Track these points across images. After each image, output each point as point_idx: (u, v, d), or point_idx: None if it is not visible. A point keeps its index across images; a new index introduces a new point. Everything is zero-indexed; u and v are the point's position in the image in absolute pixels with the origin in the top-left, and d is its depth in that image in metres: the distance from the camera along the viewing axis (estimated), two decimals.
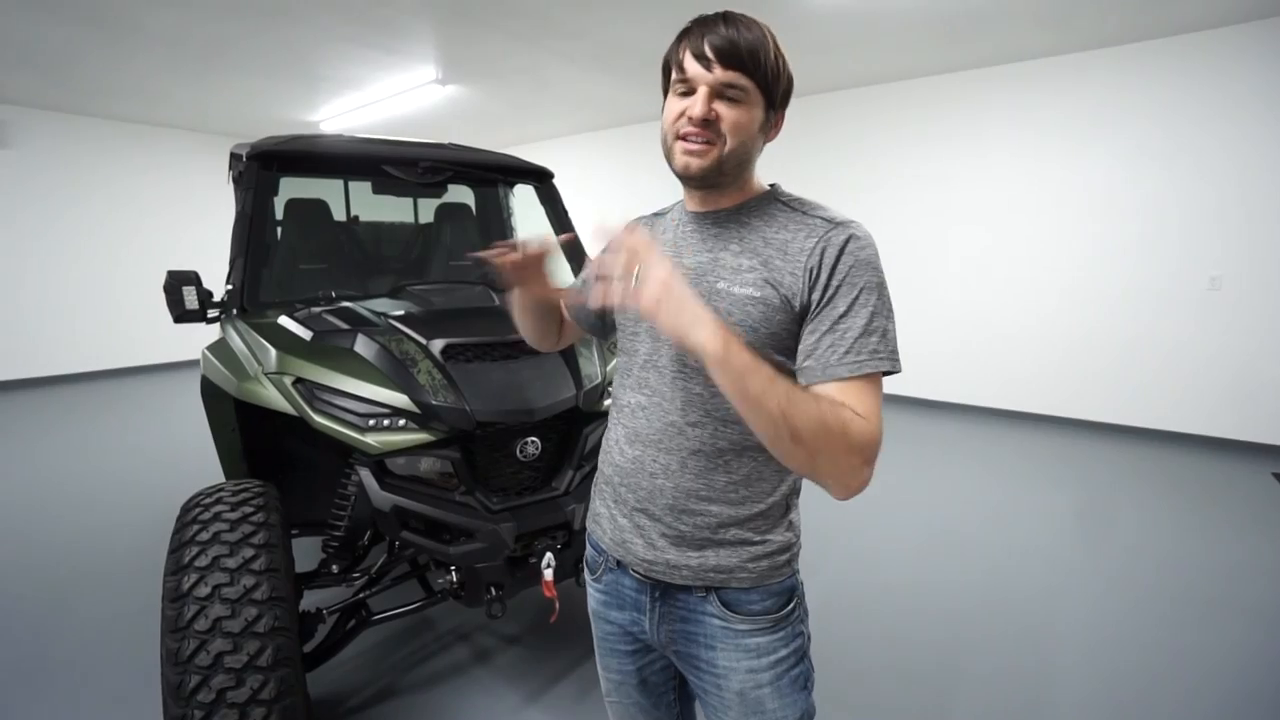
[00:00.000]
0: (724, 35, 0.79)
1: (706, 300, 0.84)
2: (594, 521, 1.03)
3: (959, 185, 5.32)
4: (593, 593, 1.06)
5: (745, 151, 0.85)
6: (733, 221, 0.90)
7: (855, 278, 0.80)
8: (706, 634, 0.92)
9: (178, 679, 1.28)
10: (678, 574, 0.90)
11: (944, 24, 4.16)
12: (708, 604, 0.91)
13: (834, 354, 0.79)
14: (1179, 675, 2.13)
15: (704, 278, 0.87)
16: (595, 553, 1.04)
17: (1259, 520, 3.35)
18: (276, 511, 1.59)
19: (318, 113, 6.58)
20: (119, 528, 3.19)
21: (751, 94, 0.82)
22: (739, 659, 0.90)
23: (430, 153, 2.41)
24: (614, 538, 0.97)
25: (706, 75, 0.80)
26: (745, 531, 0.89)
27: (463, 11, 3.96)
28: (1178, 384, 4.61)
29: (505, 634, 2.35)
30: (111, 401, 5.98)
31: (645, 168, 7.47)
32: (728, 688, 0.91)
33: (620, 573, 0.98)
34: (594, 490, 1.06)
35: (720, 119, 0.81)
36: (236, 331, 1.92)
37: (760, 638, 0.90)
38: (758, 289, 0.83)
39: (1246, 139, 4.20)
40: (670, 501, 0.90)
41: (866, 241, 0.83)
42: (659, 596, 0.94)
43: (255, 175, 2.18)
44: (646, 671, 1.03)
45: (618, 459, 0.96)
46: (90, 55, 4.76)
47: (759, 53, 0.80)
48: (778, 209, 0.89)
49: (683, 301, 0.73)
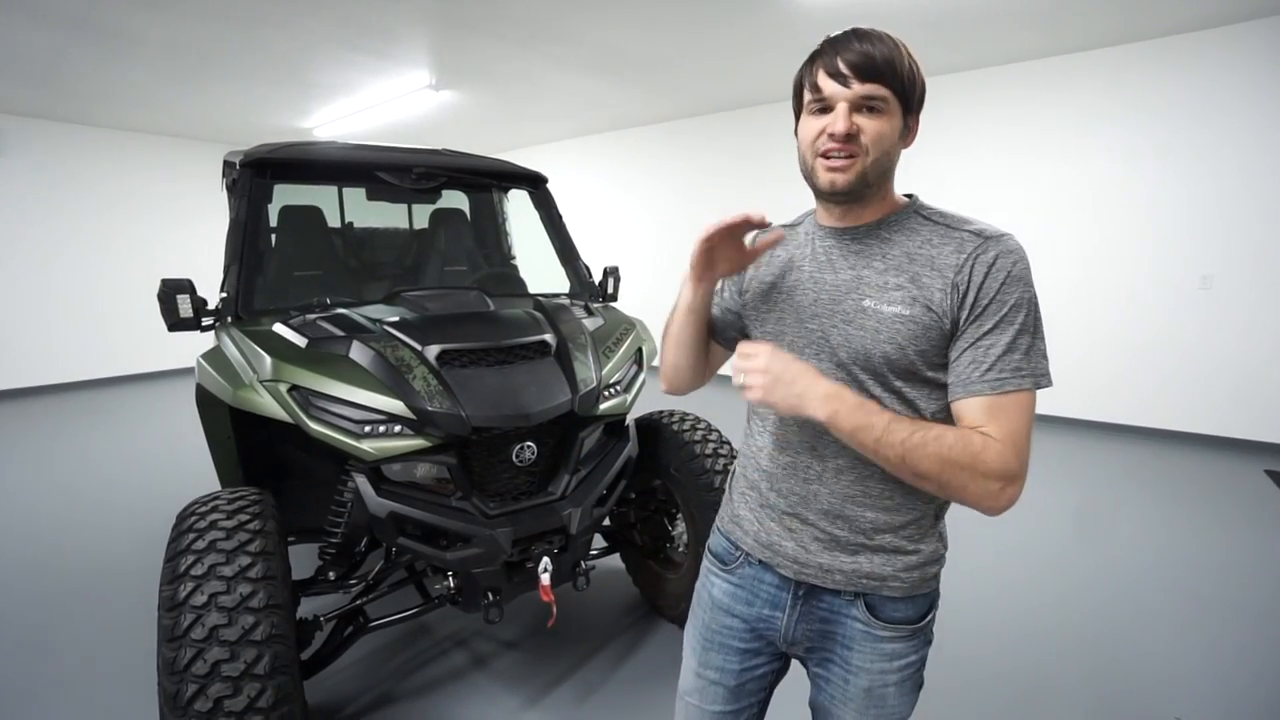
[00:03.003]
0: (858, 51, 0.81)
1: (852, 319, 0.87)
2: (733, 523, 1.03)
3: (951, 187, 5.34)
4: (720, 584, 1.04)
5: (888, 161, 0.86)
6: (873, 237, 0.90)
7: (1005, 294, 0.81)
8: (845, 634, 0.94)
9: (175, 688, 1.28)
10: (830, 578, 0.91)
11: (933, 26, 4.19)
12: (854, 608, 0.92)
13: (976, 371, 0.81)
14: (1170, 669, 2.14)
15: (849, 295, 0.88)
16: (732, 547, 1.03)
17: (1252, 517, 3.37)
18: (273, 519, 1.59)
19: (311, 119, 6.57)
20: (115, 537, 3.18)
21: (891, 103, 0.83)
22: (873, 661, 0.92)
23: (424, 159, 2.41)
24: (759, 539, 0.98)
25: (845, 91, 0.81)
26: (899, 539, 0.90)
27: (456, 17, 3.97)
28: (1170, 382, 4.64)
29: (503, 639, 2.35)
30: (106, 410, 5.95)
31: (639, 171, 7.49)
32: (855, 684, 0.94)
33: (761, 569, 0.98)
34: (733, 494, 1.06)
35: (862, 131, 0.82)
36: (231, 339, 1.91)
37: (898, 644, 0.92)
38: (907, 306, 0.83)
39: (1237, 139, 4.23)
40: (826, 506, 0.91)
41: (1019, 255, 0.82)
42: (802, 596, 0.95)
43: (249, 182, 2.18)
44: (747, 675, 1.03)
45: (766, 464, 0.97)
46: (81, 62, 4.75)
47: (894, 62, 0.82)
48: (919, 222, 0.89)
49: (788, 381, 0.80)
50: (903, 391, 0.86)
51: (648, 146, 7.33)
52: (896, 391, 0.86)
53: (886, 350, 0.84)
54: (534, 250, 3.09)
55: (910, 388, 0.86)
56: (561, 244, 2.74)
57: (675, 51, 4.66)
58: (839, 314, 0.88)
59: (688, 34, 4.28)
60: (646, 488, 2.34)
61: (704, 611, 1.06)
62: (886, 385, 0.86)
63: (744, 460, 1.04)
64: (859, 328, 0.86)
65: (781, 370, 0.81)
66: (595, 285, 2.69)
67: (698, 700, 1.06)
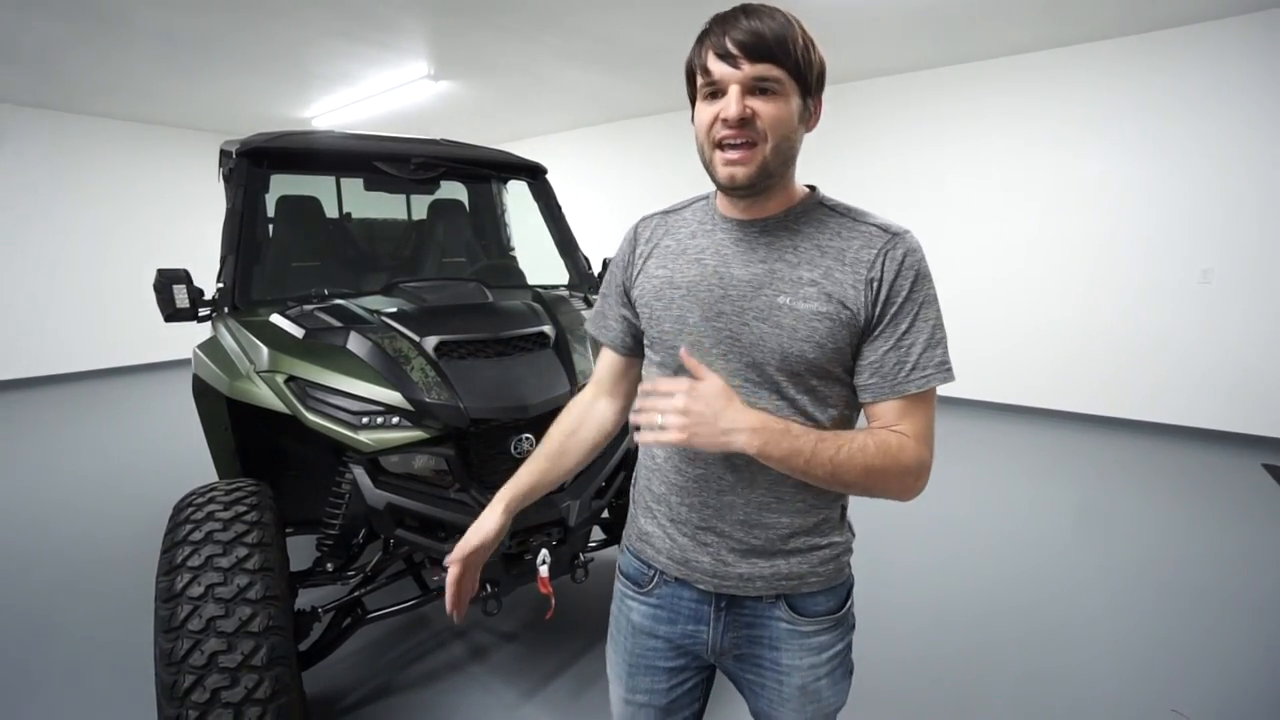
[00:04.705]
0: (746, 28, 0.76)
1: (766, 316, 0.82)
2: (642, 540, 0.99)
3: (950, 180, 5.32)
4: (638, 607, 1.00)
5: (789, 147, 0.81)
6: (782, 229, 0.86)
7: (916, 292, 0.81)
8: (772, 636, 0.93)
9: (172, 679, 1.28)
10: (751, 586, 0.90)
11: (931, 19, 4.16)
12: (776, 609, 0.91)
13: (900, 371, 0.81)
14: (1169, 663, 2.15)
15: (761, 291, 0.83)
16: (644, 567, 0.99)
17: (1250, 511, 3.37)
18: (270, 510, 1.59)
19: (309, 109, 6.53)
20: (113, 527, 3.18)
21: (786, 84, 0.77)
22: (803, 657, 0.92)
23: (422, 149, 2.40)
24: (672, 556, 0.94)
25: (735, 73, 0.76)
26: (812, 538, 0.90)
27: (454, 6, 3.94)
28: (1169, 376, 4.63)
29: (501, 631, 2.35)
30: (105, 401, 5.94)
31: (639, 162, 7.46)
32: (789, 683, 0.93)
33: (679, 586, 0.95)
34: (636, 509, 1.01)
35: (758, 115, 0.77)
36: (228, 330, 1.90)
37: (824, 636, 0.93)
38: (823, 303, 0.81)
39: (1237, 133, 4.21)
40: (741, 516, 0.89)
41: (921, 253, 0.83)
42: (724, 607, 0.93)
43: (246, 172, 2.17)
44: (677, 691, 1.00)
45: (674, 477, 0.93)
46: (78, 51, 4.72)
47: (786, 40, 0.76)
48: (825, 214, 0.86)
49: (710, 419, 0.75)
50: (816, 389, 0.84)
51: (647, 138, 7.30)
52: (811, 390, 0.84)
53: (804, 349, 0.81)
54: (533, 242, 3.08)
55: (824, 385, 0.85)
56: (561, 235, 2.73)
57: (675, 43, 4.62)
58: (750, 311, 0.83)
59: (688, 25, 4.22)
60: None
61: (625, 637, 1.01)
62: (802, 385, 0.84)
63: (646, 473, 0.98)
64: (775, 325, 0.82)
65: (703, 409, 0.75)
66: (594, 277, 2.68)
67: None
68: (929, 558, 2.82)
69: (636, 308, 0.97)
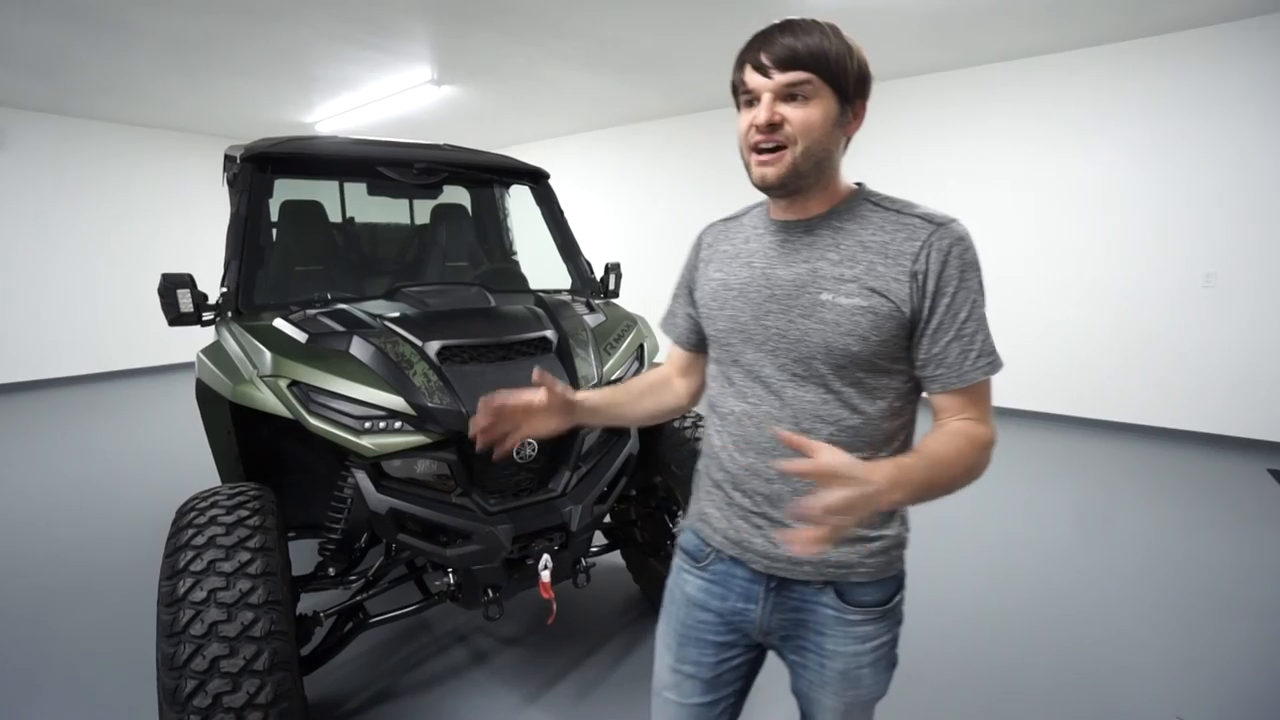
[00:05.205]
0: (781, 44, 0.81)
1: (810, 313, 0.86)
2: (701, 520, 1.03)
3: (954, 184, 5.32)
4: (693, 580, 1.04)
5: (821, 150, 0.84)
6: (825, 227, 0.89)
7: (969, 280, 0.84)
8: (818, 622, 0.95)
9: (173, 684, 1.28)
10: (799, 570, 0.92)
11: (935, 23, 4.17)
12: (823, 595, 0.93)
13: (966, 360, 0.84)
14: (1172, 668, 2.14)
15: (805, 290, 0.87)
16: (702, 544, 1.03)
17: (1254, 516, 3.36)
18: (273, 515, 1.59)
19: (313, 114, 6.56)
20: (115, 532, 3.18)
21: (818, 87, 0.81)
22: (847, 644, 0.94)
23: (425, 154, 2.40)
24: (727, 536, 0.98)
25: (766, 82, 0.82)
26: (862, 527, 0.91)
27: (458, 11, 3.95)
28: (1174, 381, 4.62)
29: (503, 635, 2.35)
30: (107, 405, 5.96)
31: (641, 166, 7.47)
32: (831, 667, 0.95)
33: (733, 564, 0.99)
34: (699, 492, 1.05)
35: (787, 120, 0.82)
36: (231, 334, 1.91)
37: (869, 626, 0.94)
38: (864, 298, 0.84)
39: (1241, 136, 4.21)
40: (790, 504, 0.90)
41: (969, 241, 0.85)
42: (774, 588, 0.96)
43: (250, 177, 2.17)
44: (724, 667, 1.03)
45: (729, 465, 0.97)
46: (83, 56, 4.74)
47: (821, 49, 0.80)
48: (870, 209, 0.89)
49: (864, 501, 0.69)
50: (863, 381, 0.87)
51: (650, 142, 7.31)
52: (858, 382, 0.87)
53: (848, 343, 0.84)
54: (535, 246, 3.08)
55: (871, 378, 0.87)
56: (563, 240, 2.73)
57: (679, 47, 4.63)
58: (796, 308, 0.88)
59: (691, 29, 4.26)
60: (647, 485, 2.33)
61: (677, 608, 1.06)
62: (848, 378, 0.87)
63: (706, 460, 1.04)
64: (819, 321, 0.86)
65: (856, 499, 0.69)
66: (597, 281, 2.68)
67: (675, 695, 1.06)
68: (928, 560, 2.80)
69: (698, 308, 1.04)
